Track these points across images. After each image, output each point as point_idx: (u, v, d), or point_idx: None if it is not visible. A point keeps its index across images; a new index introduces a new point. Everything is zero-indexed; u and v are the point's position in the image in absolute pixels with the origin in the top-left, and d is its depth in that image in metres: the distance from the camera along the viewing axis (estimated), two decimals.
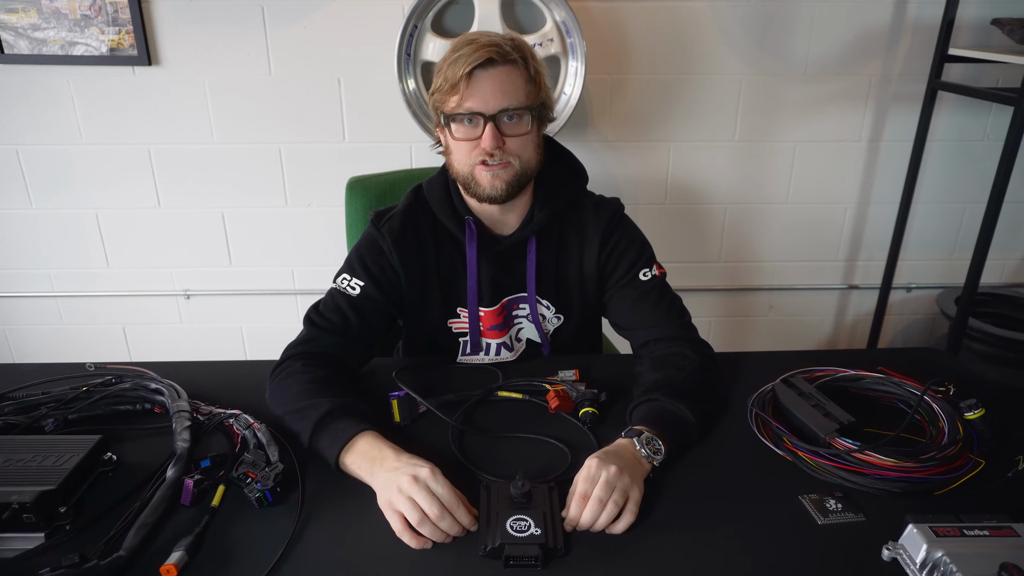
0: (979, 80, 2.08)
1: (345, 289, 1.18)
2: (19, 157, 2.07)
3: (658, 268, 1.23)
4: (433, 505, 0.83)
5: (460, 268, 1.23)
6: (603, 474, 0.88)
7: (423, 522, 0.83)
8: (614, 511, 0.86)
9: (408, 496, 0.84)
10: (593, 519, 0.85)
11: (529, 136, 1.13)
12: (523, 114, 1.11)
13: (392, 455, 0.92)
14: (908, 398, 1.09)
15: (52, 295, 2.27)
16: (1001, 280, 2.40)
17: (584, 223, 1.24)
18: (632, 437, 0.96)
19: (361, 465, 0.93)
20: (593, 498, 0.86)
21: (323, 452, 0.96)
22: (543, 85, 1.14)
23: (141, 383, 1.11)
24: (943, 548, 0.75)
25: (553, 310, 1.27)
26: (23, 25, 1.90)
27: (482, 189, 1.13)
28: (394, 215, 1.21)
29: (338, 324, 1.15)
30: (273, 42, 1.98)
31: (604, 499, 0.86)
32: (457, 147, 1.14)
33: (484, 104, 1.08)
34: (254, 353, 2.36)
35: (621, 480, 0.88)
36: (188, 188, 2.13)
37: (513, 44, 1.10)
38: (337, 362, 1.13)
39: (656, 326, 1.19)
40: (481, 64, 1.07)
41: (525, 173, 1.15)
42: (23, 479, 0.84)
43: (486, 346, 1.28)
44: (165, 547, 0.80)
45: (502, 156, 1.11)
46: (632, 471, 0.91)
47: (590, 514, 0.85)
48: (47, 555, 0.79)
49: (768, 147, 2.17)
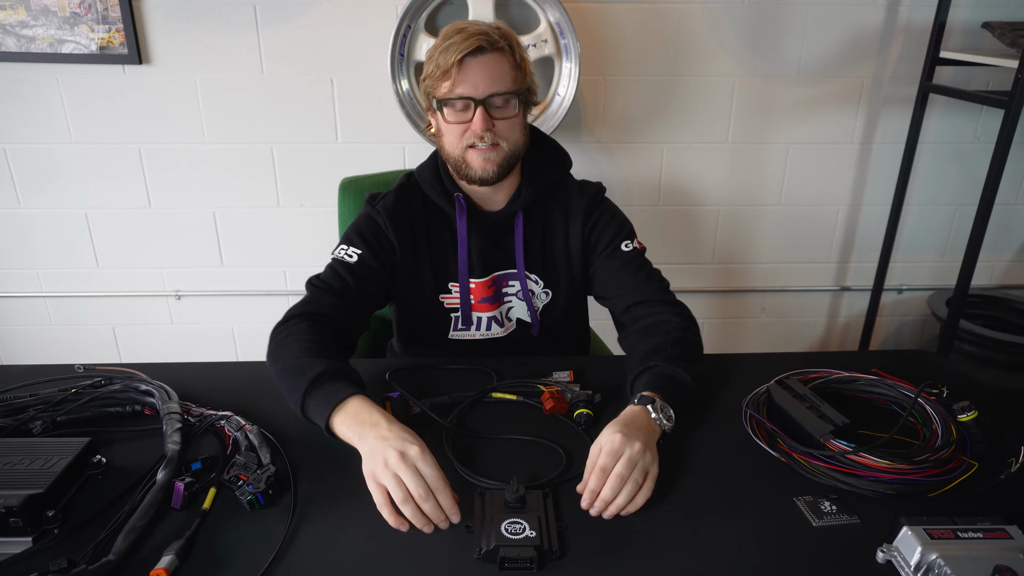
0: (970, 83, 2.09)
1: (343, 257, 1.22)
2: (7, 156, 2.05)
3: (638, 243, 1.29)
4: (419, 485, 0.83)
5: (450, 243, 1.28)
6: (627, 450, 0.89)
7: (406, 501, 0.83)
8: (634, 490, 0.86)
9: (394, 472, 0.84)
10: (613, 495, 0.85)
11: (516, 119, 1.20)
12: (511, 98, 1.17)
13: (384, 422, 0.92)
14: (902, 400, 1.09)
15: (41, 295, 2.25)
16: (992, 282, 2.42)
17: (568, 201, 1.30)
18: (646, 404, 0.98)
19: (351, 427, 0.93)
20: (614, 474, 0.86)
21: (314, 412, 0.97)
22: (528, 71, 1.22)
23: (131, 384, 1.09)
24: (937, 550, 0.75)
25: (542, 284, 1.31)
26: (11, 22, 1.88)
27: (473, 171, 1.20)
28: (387, 194, 1.29)
29: (338, 288, 1.19)
30: (265, 41, 1.97)
31: (625, 476, 0.87)
32: (448, 130, 1.20)
33: (475, 89, 1.15)
34: (245, 354, 2.35)
35: (643, 458, 0.89)
36: (179, 188, 2.12)
37: (500, 32, 1.17)
38: (338, 327, 1.15)
39: (637, 290, 1.24)
40: (471, 52, 1.13)
41: (513, 154, 1.21)
42: (10, 482, 0.83)
43: (477, 320, 1.31)
44: (155, 551, 0.79)
45: (492, 138, 1.17)
46: (651, 447, 0.93)
47: (611, 489, 0.86)
48: (35, 560, 0.78)
49: (761, 149, 2.17)
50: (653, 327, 1.17)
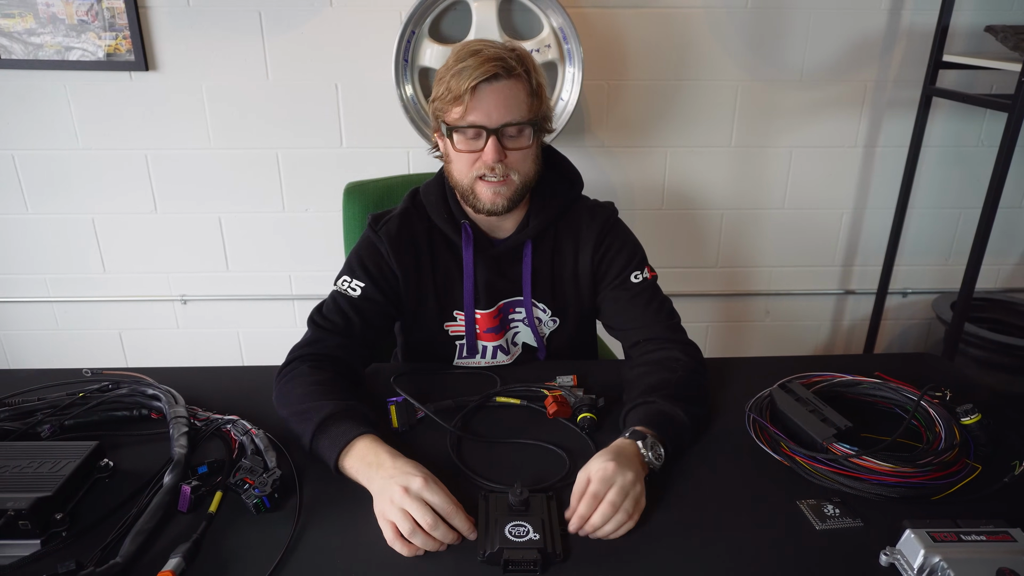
0: (973, 86, 2.09)
1: (346, 291, 1.19)
2: (15, 162, 2.07)
3: (649, 271, 1.25)
4: (426, 515, 0.83)
5: (456, 271, 1.23)
6: (619, 479, 0.88)
7: (415, 532, 0.82)
8: (623, 519, 0.86)
9: (400, 507, 0.84)
10: (603, 521, 0.85)
11: (530, 150, 1.15)
12: (525, 128, 1.12)
13: (389, 461, 0.91)
14: (905, 403, 1.09)
15: (48, 300, 2.26)
16: (997, 285, 2.41)
17: (579, 227, 1.25)
18: (636, 440, 0.96)
19: (359, 469, 0.93)
20: (606, 501, 0.85)
21: (323, 454, 0.96)
22: (544, 97, 1.16)
23: (138, 389, 1.10)
24: (940, 553, 0.76)
25: (549, 313, 1.28)
26: (19, 30, 1.90)
27: (482, 204, 1.15)
28: (391, 219, 1.22)
29: (341, 326, 1.16)
30: (270, 48, 1.98)
31: (617, 504, 0.86)
32: (458, 158, 1.15)
33: (487, 118, 1.09)
34: (251, 358, 2.35)
35: (634, 489, 0.88)
36: (185, 193, 2.13)
37: (516, 57, 1.11)
38: (342, 364, 1.13)
39: (646, 326, 1.20)
40: (486, 79, 1.07)
41: (524, 186, 1.17)
42: (19, 486, 0.84)
43: (482, 349, 1.29)
44: (162, 554, 0.79)
45: (503, 170, 1.12)
46: (641, 479, 0.91)
47: (601, 516, 0.85)
48: (43, 562, 0.79)
49: (764, 153, 2.18)
50: (660, 363, 1.13)
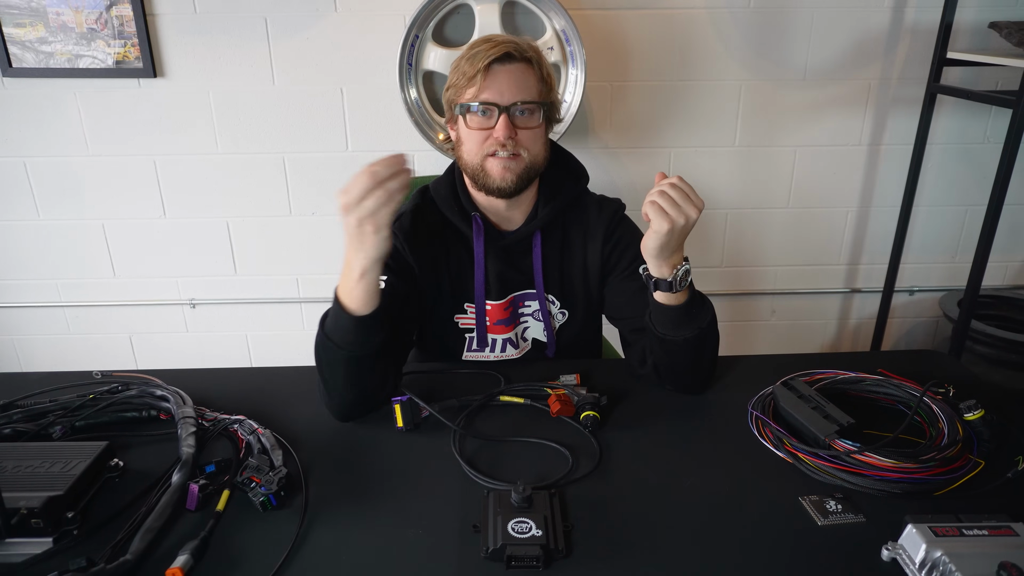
0: (978, 83, 2.09)
1: None
2: (26, 169, 2.10)
3: None
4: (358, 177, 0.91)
5: (467, 264, 1.26)
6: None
7: (353, 191, 0.91)
8: (695, 206, 1.00)
9: (346, 214, 0.93)
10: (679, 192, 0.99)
11: (539, 131, 1.19)
12: (535, 109, 1.17)
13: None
14: (908, 400, 1.09)
15: (59, 305, 2.29)
16: (1004, 282, 2.40)
17: (588, 220, 1.28)
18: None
19: (342, 272, 1.00)
20: (682, 185, 1.00)
21: (333, 316, 1.03)
22: (553, 87, 1.21)
23: (147, 390, 1.12)
24: (942, 548, 0.76)
25: (558, 305, 1.30)
26: (30, 39, 1.93)
27: (492, 180, 1.17)
28: (403, 214, 1.25)
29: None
30: (276, 53, 2.00)
31: (688, 195, 1.00)
32: (469, 137, 1.18)
33: (500, 96, 1.14)
34: (259, 361, 2.37)
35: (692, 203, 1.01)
36: (193, 198, 2.16)
37: (528, 45, 1.17)
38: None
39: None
40: (499, 59, 1.13)
41: (533, 167, 1.20)
42: (31, 485, 0.85)
43: (491, 342, 1.30)
44: (171, 551, 0.80)
45: (513, 147, 1.16)
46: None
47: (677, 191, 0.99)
48: (55, 559, 0.80)
49: (769, 152, 2.18)
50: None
